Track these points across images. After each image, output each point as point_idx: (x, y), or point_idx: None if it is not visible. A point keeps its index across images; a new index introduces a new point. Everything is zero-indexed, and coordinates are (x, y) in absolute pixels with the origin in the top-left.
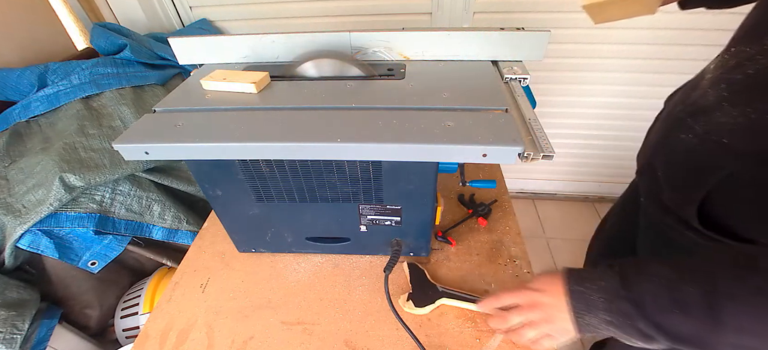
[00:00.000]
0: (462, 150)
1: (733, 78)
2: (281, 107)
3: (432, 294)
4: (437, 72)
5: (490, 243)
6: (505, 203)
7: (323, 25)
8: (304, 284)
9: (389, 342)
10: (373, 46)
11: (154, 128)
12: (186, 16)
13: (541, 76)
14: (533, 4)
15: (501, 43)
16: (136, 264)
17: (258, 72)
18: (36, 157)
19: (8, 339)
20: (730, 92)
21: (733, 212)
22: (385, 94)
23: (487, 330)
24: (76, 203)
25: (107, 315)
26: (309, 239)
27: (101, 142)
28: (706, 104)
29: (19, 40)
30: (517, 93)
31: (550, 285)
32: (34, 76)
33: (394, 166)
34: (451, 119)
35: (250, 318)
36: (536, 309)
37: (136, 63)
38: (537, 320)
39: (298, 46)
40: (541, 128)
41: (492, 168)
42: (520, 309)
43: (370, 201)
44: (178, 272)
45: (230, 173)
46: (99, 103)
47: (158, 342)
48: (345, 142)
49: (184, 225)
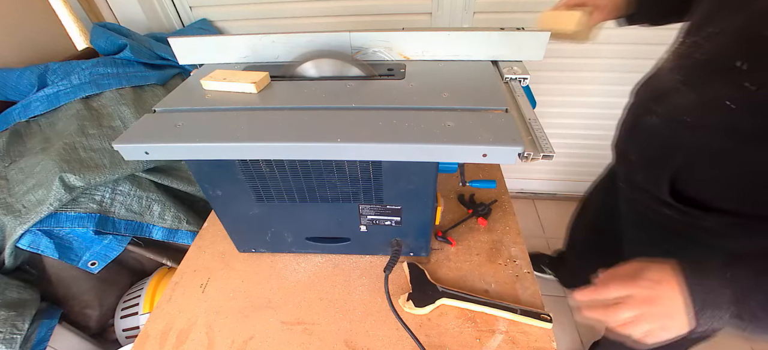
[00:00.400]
0: (462, 150)
1: (685, 64)
2: (281, 107)
3: (432, 294)
4: (437, 72)
5: (490, 243)
6: (505, 203)
7: (323, 25)
8: (304, 284)
9: (389, 342)
10: (373, 46)
11: (154, 128)
12: (186, 16)
13: (541, 76)
14: (533, 4)
15: (501, 43)
16: (136, 264)
17: (258, 72)
18: (36, 157)
19: (8, 339)
20: (683, 75)
21: (700, 185)
22: (385, 94)
23: (487, 330)
24: (76, 203)
25: (107, 315)
26: (309, 239)
27: (101, 142)
28: (665, 88)
29: (19, 40)
30: (517, 93)
31: (666, 278)
32: (34, 76)
33: (394, 166)
34: (451, 119)
35: (250, 318)
36: (654, 304)
37: (136, 63)
38: (655, 314)
39: (298, 46)
40: (541, 128)
41: (492, 168)
42: (632, 302)
43: (370, 201)
44: (178, 272)
45: (230, 173)
46: (99, 103)
47: (158, 342)
48: (345, 142)
49: (184, 225)
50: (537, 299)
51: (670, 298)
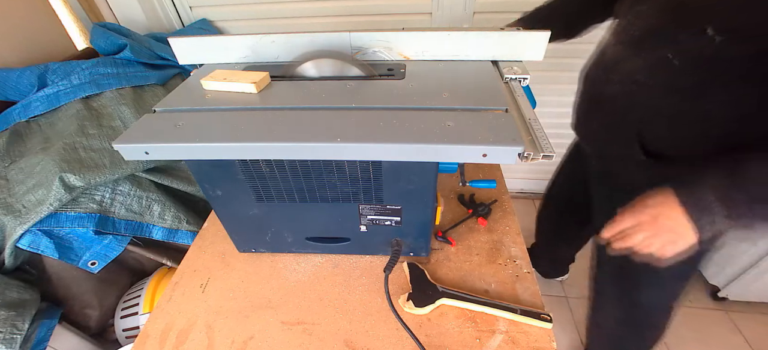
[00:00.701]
0: (462, 150)
1: (626, 38)
2: (281, 107)
3: (432, 294)
4: (437, 72)
5: (490, 243)
6: (505, 203)
7: (323, 25)
8: (304, 284)
9: (389, 342)
10: (373, 46)
11: (154, 128)
12: (186, 16)
13: (541, 76)
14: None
15: (501, 43)
16: (136, 264)
17: (258, 72)
18: (36, 157)
19: (8, 339)
20: (625, 45)
21: (661, 140)
22: (385, 94)
23: (487, 330)
24: (76, 203)
25: (107, 315)
26: (309, 239)
27: (101, 142)
28: (615, 59)
29: (19, 40)
30: (517, 93)
31: (663, 200)
32: (34, 76)
33: (394, 166)
34: (451, 119)
35: (250, 318)
36: (658, 222)
37: (136, 63)
38: (662, 228)
39: (298, 46)
40: (541, 128)
41: (492, 168)
42: (641, 226)
43: (370, 201)
44: (178, 272)
45: (230, 173)
46: (99, 103)
47: (158, 342)
48: (345, 142)
49: (184, 225)
50: (537, 299)
51: (670, 215)
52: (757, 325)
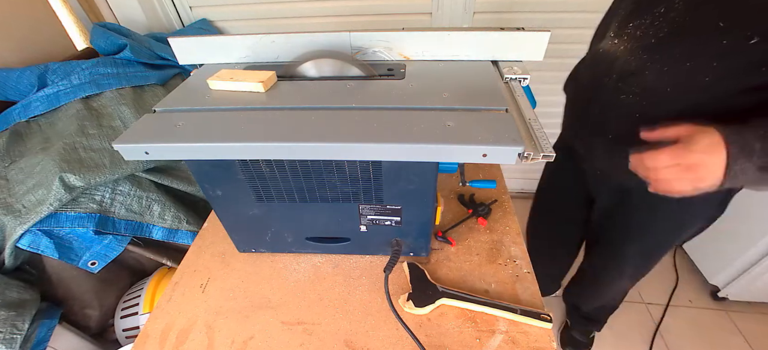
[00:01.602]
0: (462, 150)
1: (649, 44)
2: (281, 107)
3: (432, 294)
4: (437, 72)
5: (490, 243)
6: (505, 203)
7: (323, 25)
8: (304, 284)
9: (389, 342)
10: (373, 46)
11: (154, 128)
12: (186, 16)
13: (541, 76)
14: (533, 4)
15: (501, 43)
16: (136, 264)
17: (265, 71)
18: (36, 157)
19: (8, 339)
20: (649, 53)
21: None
22: (386, 94)
23: (487, 330)
24: (76, 203)
25: (107, 315)
26: (309, 239)
27: (101, 142)
28: (632, 69)
29: (19, 40)
30: (517, 93)
31: (714, 148)
32: (34, 76)
33: (394, 166)
34: (451, 119)
35: (250, 318)
36: (698, 170)
37: (136, 63)
38: (697, 177)
39: (298, 46)
40: (541, 128)
41: (492, 168)
42: (679, 168)
43: (370, 201)
44: (178, 272)
45: (230, 173)
46: (99, 103)
47: (158, 342)
48: (345, 142)
49: (184, 225)
50: (537, 299)
51: (714, 163)
52: (757, 325)
